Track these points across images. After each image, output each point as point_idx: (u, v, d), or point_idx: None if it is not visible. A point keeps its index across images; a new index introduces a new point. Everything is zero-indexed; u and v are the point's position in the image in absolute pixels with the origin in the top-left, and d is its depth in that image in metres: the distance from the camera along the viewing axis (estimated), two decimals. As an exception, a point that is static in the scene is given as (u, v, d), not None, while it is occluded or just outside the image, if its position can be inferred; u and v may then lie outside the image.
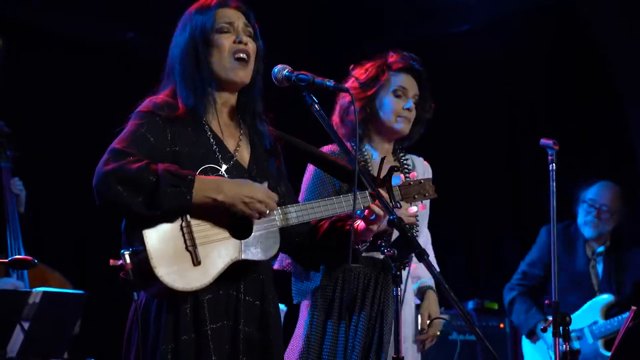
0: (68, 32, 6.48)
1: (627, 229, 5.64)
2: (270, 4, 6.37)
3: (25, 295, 4.25)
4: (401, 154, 3.69)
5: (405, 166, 3.59)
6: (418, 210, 2.90)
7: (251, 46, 2.83)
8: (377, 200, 2.72)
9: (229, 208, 2.60)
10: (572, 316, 5.26)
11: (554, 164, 3.84)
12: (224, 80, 2.82)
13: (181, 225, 2.60)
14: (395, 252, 2.46)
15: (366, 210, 2.80)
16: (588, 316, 5.37)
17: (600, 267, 5.53)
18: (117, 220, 2.71)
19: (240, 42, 2.80)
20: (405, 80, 3.59)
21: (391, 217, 2.45)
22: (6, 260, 3.60)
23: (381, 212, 2.75)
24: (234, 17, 2.85)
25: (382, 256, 3.30)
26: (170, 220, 2.59)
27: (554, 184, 3.83)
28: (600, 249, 5.55)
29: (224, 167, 2.74)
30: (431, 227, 3.95)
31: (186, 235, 2.60)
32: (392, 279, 2.66)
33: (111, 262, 2.63)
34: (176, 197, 2.54)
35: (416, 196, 2.91)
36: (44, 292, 4.28)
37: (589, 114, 6.50)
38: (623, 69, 6.25)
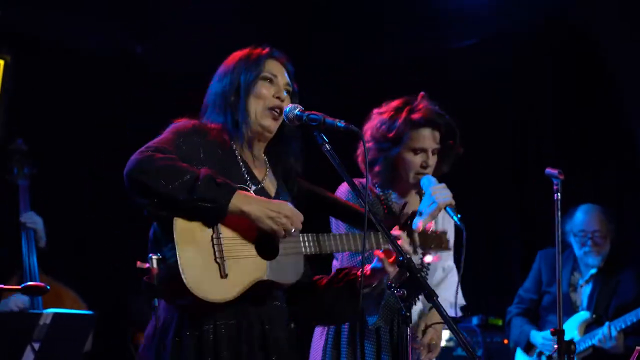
0: (76, 44, 6.54)
1: (619, 246, 5.72)
2: (272, 12, 6.45)
3: (36, 317, 4.31)
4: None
5: None
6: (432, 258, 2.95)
7: (287, 104, 2.94)
8: (400, 241, 2.83)
9: (256, 222, 2.65)
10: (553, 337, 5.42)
11: (559, 194, 3.88)
12: (253, 124, 2.91)
13: (212, 237, 2.64)
14: (405, 292, 2.51)
15: (384, 251, 2.88)
16: (566, 334, 5.43)
17: (589, 288, 5.60)
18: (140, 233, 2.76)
19: (279, 98, 2.92)
20: (426, 137, 3.61)
21: (400, 258, 2.51)
22: (19, 287, 3.66)
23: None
24: (279, 72, 2.97)
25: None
26: (201, 227, 2.62)
27: (559, 213, 3.87)
28: (593, 271, 5.64)
29: (253, 188, 2.82)
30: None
31: (216, 247, 2.64)
32: (402, 319, 2.73)
33: (138, 263, 2.63)
34: (214, 191, 2.58)
35: (433, 246, 2.99)
36: (55, 314, 4.34)
37: (593, 123, 6.55)
38: (626, 78, 6.30)
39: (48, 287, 3.59)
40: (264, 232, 2.68)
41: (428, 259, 2.99)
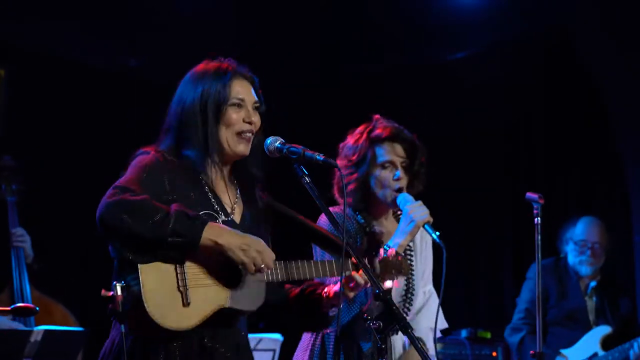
0: (66, 56, 6.56)
1: (614, 267, 5.78)
2: (277, 23, 6.50)
3: (27, 334, 4.36)
4: (400, 213, 3.74)
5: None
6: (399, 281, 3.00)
7: (257, 122, 2.96)
8: (360, 270, 2.85)
9: (227, 252, 2.68)
10: (571, 349, 5.44)
11: (539, 218, 3.92)
12: (226, 152, 2.93)
13: (175, 265, 2.69)
14: (381, 324, 2.56)
15: (345, 278, 2.93)
16: (587, 348, 5.49)
17: (594, 302, 5.65)
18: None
19: (249, 123, 2.93)
20: (390, 151, 3.65)
21: (377, 291, 2.57)
22: (8, 309, 3.72)
23: (362, 281, 2.89)
24: (246, 92, 2.96)
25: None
26: (167, 258, 2.66)
27: (539, 237, 3.91)
28: (593, 283, 5.69)
29: (222, 218, 2.85)
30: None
31: (179, 276, 2.68)
32: (377, 351, 2.79)
33: (103, 292, 2.68)
34: (187, 227, 2.62)
35: (393, 271, 3.03)
36: (45, 331, 4.38)
37: (583, 142, 6.60)
38: (616, 100, 6.35)
39: (37, 309, 3.65)
40: (233, 263, 2.71)
41: (388, 284, 3.04)
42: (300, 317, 3.08)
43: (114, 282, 2.62)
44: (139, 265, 2.63)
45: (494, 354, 6.10)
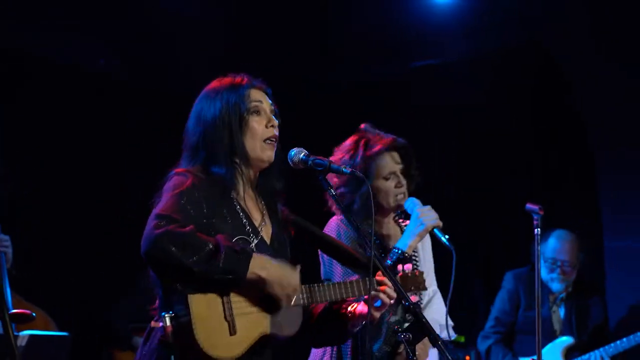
0: (51, 59, 6.45)
1: (586, 274, 5.89)
2: (275, 24, 6.48)
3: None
4: (401, 221, 3.81)
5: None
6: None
7: (276, 128, 2.98)
8: (382, 288, 2.89)
9: (268, 286, 2.71)
10: (534, 358, 5.55)
11: (539, 229, 3.98)
12: (253, 159, 2.95)
13: (222, 294, 2.71)
14: (411, 336, 2.60)
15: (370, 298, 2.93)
16: (549, 358, 5.57)
17: (561, 312, 5.75)
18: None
19: (272, 126, 2.95)
20: (390, 161, 3.65)
21: (407, 304, 2.60)
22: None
23: (387, 301, 2.91)
24: (263, 99, 2.99)
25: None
26: (214, 288, 2.69)
27: (539, 247, 3.97)
28: (562, 294, 5.78)
29: (255, 241, 2.87)
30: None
31: (225, 305, 2.71)
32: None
33: (152, 323, 2.75)
34: (235, 263, 2.64)
35: (412, 288, 3.07)
36: (30, 336, 4.32)
37: (555, 148, 6.71)
38: (591, 108, 6.48)
39: (34, 315, 3.60)
40: (270, 295, 2.75)
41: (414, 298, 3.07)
42: (321, 333, 3.09)
43: (163, 313, 2.64)
44: (188, 295, 2.65)
45: (467, 358, 6.17)
